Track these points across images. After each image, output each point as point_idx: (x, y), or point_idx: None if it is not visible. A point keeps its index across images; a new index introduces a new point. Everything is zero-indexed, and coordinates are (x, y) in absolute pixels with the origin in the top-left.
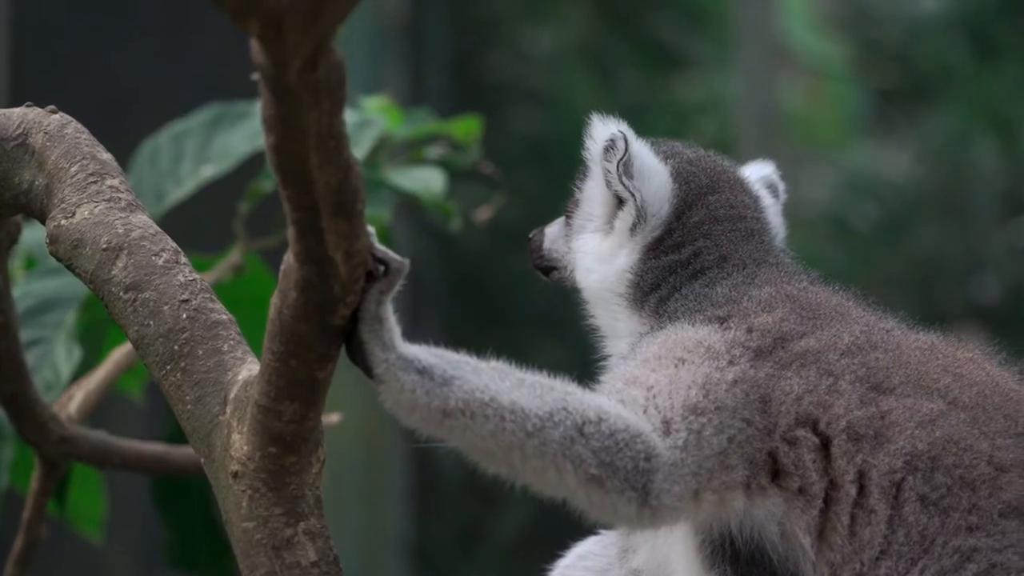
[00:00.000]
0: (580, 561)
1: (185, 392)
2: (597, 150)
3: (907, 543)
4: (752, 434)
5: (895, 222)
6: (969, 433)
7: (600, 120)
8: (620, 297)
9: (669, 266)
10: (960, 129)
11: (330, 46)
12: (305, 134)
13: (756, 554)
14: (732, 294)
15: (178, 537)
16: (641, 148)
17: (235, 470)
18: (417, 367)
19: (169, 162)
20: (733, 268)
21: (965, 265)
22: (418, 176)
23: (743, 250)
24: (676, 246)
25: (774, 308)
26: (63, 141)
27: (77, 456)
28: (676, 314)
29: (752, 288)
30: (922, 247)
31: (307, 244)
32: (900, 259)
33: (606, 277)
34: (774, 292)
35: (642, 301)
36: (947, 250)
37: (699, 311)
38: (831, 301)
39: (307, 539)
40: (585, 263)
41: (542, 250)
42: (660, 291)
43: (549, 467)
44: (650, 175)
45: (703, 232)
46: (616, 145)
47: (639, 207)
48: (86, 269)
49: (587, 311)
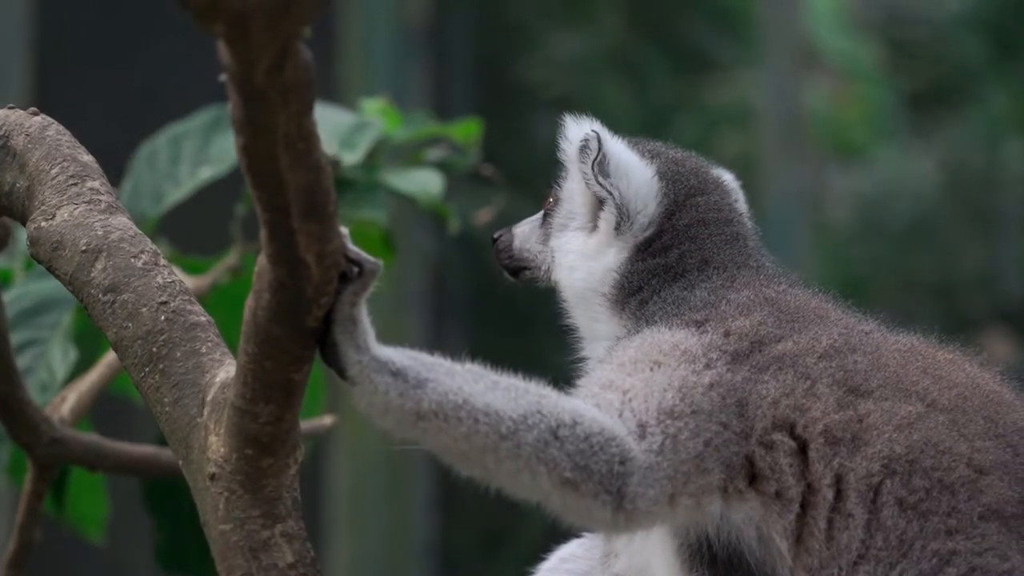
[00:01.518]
0: (562, 564)
1: (163, 394)
2: (572, 151)
3: (885, 547)
4: (728, 438)
5: (921, 226)
6: (948, 435)
7: (573, 121)
8: (603, 297)
9: (655, 268)
10: (986, 131)
11: (297, 47)
12: (274, 136)
13: (734, 558)
14: (710, 298)
15: (169, 539)
16: (616, 146)
17: (212, 472)
18: (391, 369)
19: (167, 164)
20: (713, 271)
21: (991, 269)
22: (416, 178)
23: (725, 254)
24: (664, 248)
25: (752, 312)
26: (44, 143)
27: (69, 458)
28: (654, 317)
29: (731, 292)
30: (948, 251)
31: (279, 246)
32: (926, 263)
33: (591, 274)
34: (752, 296)
35: (624, 303)
36: (973, 254)
37: (676, 315)
38: (810, 304)
39: (284, 541)
40: (568, 261)
41: (512, 250)
42: (642, 293)
43: (523, 470)
44: (628, 173)
45: (690, 235)
46: (590, 145)
47: (619, 205)
48: (66, 271)
49: (565, 311)
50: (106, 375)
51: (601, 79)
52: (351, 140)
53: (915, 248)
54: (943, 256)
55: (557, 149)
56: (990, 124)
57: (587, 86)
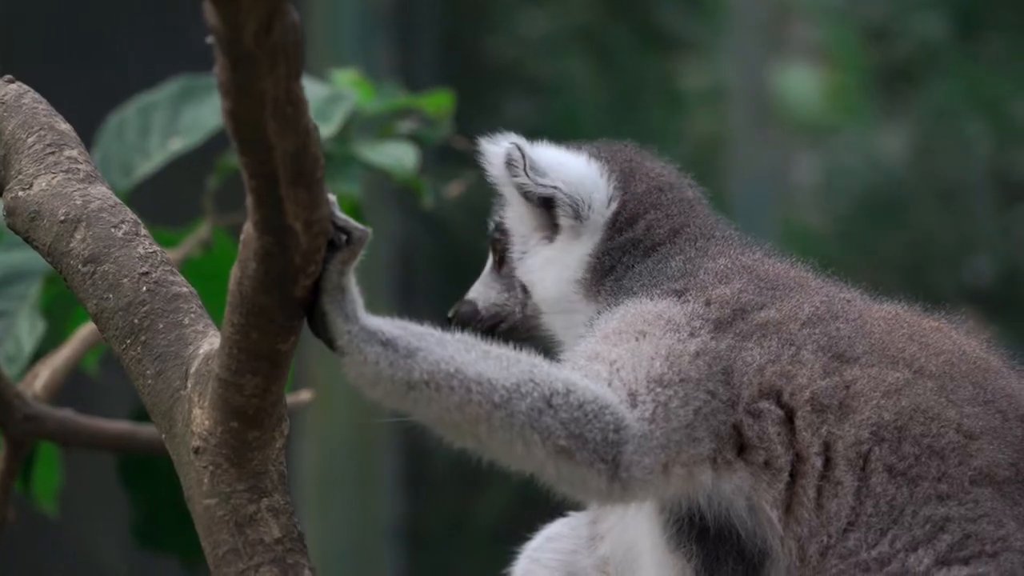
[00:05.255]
0: (548, 543)
1: (145, 366)
2: (500, 170)
3: (876, 514)
4: (717, 406)
5: (888, 204)
6: (936, 402)
7: (489, 142)
8: (578, 284)
9: (625, 244)
10: (949, 109)
11: (286, 7)
12: (262, 99)
13: (724, 530)
14: (687, 267)
15: (144, 516)
16: (539, 148)
17: (196, 446)
18: (380, 339)
19: (136, 135)
20: (685, 242)
21: (958, 248)
22: (389, 151)
23: (693, 223)
24: (631, 220)
25: (731, 280)
26: (20, 111)
27: (43, 435)
28: (632, 290)
29: (707, 260)
30: (915, 230)
31: (266, 213)
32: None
33: (565, 269)
34: (729, 264)
35: (599, 284)
36: (940, 233)
37: (656, 285)
38: (789, 272)
39: (270, 515)
40: (539, 275)
41: (479, 314)
42: (616, 272)
43: (516, 439)
44: (562, 164)
45: (651, 201)
46: (513, 156)
47: (568, 195)
48: (44, 241)
49: (545, 326)
50: (79, 351)
51: (569, 58)
52: (325, 112)
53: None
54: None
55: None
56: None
57: (555, 64)
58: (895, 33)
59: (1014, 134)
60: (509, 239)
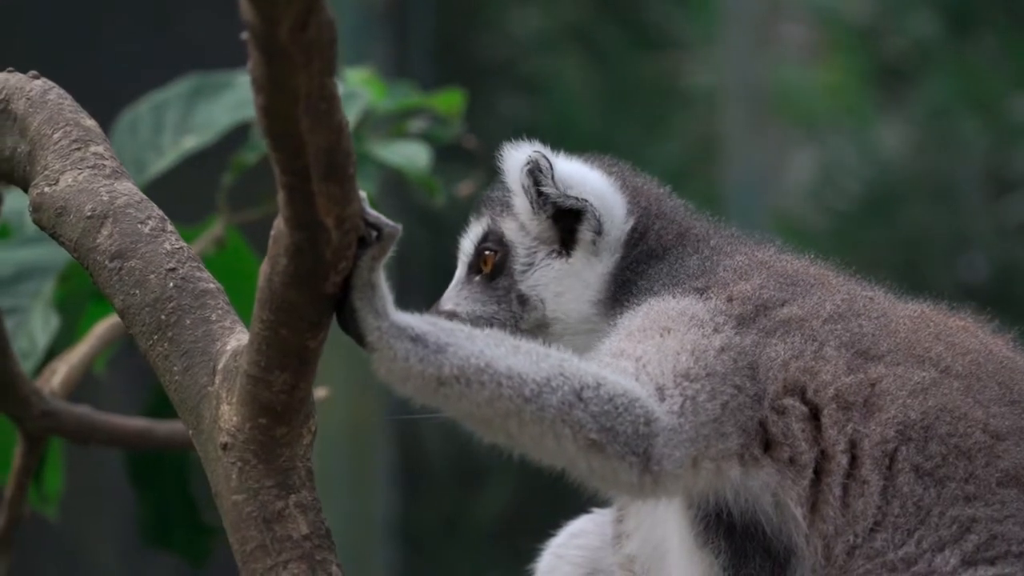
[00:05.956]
0: (573, 539)
1: (172, 362)
2: (521, 178)
3: (902, 514)
4: (743, 401)
5: (883, 201)
6: (963, 402)
7: (512, 148)
8: (599, 304)
9: (639, 256)
10: (943, 106)
11: (322, 4)
12: (295, 95)
13: (751, 527)
14: (706, 264)
15: (153, 515)
16: (563, 160)
17: (225, 442)
18: (410, 335)
19: (149, 133)
20: (697, 242)
21: (953, 244)
22: (402, 150)
23: (697, 225)
24: (642, 234)
25: (750, 276)
26: (45, 107)
27: (60, 431)
28: (652, 290)
29: (724, 258)
30: (910, 226)
31: (297, 209)
32: (888, 238)
33: (586, 288)
34: (747, 260)
35: (614, 298)
36: (935, 229)
37: (676, 284)
38: (808, 269)
39: (298, 512)
40: (555, 291)
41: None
42: (630, 284)
43: (547, 433)
44: (586, 179)
45: (656, 212)
46: (541, 164)
47: (598, 208)
48: (70, 237)
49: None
50: (96, 347)
51: (562, 56)
52: None
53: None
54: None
55: (519, 126)
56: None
57: (547, 63)
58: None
59: (1008, 132)
60: (509, 251)
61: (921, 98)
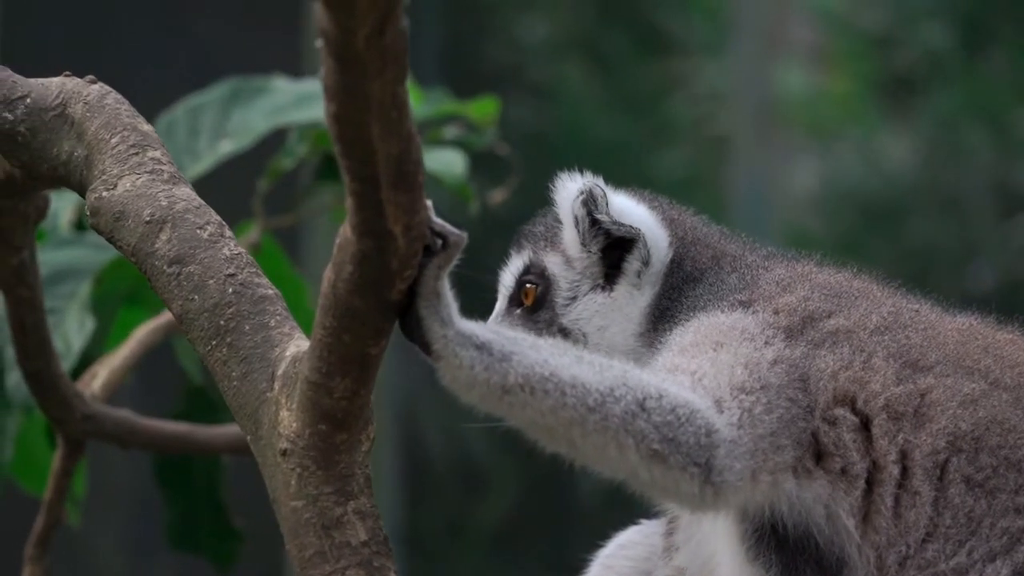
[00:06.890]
0: (621, 550)
1: (231, 368)
2: (574, 207)
3: (954, 525)
4: (797, 413)
5: (890, 212)
6: (1012, 414)
7: (567, 177)
8: (641, 337)
9: (676, 284)
10: (952, 119)
11: (399, 13)
12: (368, 103)
13: (803, 540)
14: (747, 279)
15: (180, 518)
16: (614, 192)
17: (284, 448)
18: (476, 343)
19: (186, 136)
20: (734, 260)
21: (961, 255)
22: (439, 158)
23: (733, 247)
24: (679, 263)
25: (794, 288)
26: (103, 112)
27: (100, 435)
28: (697, 307)
29: (764, 272)
30: (917, 237)
31: (366, 216)
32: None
33: (628, 322)
34: (788, 273)
35: (655, 328)
36: (942, 240)
37: (722, 299)
38: (851, 281)
39: (357, 518)
40: (599, 324)
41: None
42: (669, 312)
43: (610, 443)
44: (634, 209)
45: (691, 239)
46: (595, 194)
47: (649, 239)
48: (128, 242)
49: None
50: (137, 352)
51: (569, 63)
52: None
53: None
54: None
55: (526, 133)
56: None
57: (555, 69)
58: (899, 42)
59: (1015, 145)
60: (551, 284)
61: (930, 109)
